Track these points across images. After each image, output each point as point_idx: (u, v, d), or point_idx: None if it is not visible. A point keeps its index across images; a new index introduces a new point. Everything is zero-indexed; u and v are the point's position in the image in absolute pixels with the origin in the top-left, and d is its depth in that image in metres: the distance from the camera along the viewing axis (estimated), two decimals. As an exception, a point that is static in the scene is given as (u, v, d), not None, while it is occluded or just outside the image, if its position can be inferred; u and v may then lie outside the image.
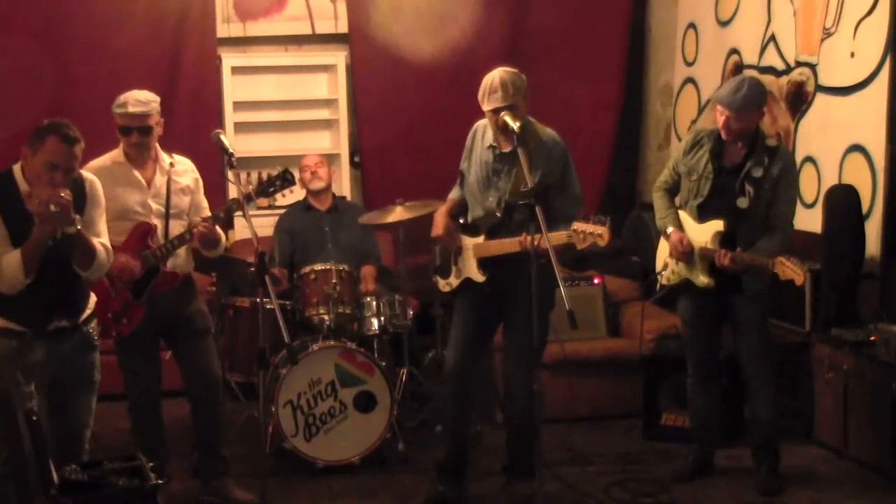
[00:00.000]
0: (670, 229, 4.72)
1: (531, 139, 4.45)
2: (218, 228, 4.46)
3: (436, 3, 7.08)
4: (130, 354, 4.50)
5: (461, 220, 4.67)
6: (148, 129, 4.41)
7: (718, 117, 4.61)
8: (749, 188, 4.57)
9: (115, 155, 4.48)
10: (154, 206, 4.44)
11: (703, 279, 4.65)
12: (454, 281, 4.66)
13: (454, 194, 4.76)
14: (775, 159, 4.59)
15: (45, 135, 3.64)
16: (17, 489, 3.69)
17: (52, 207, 3.52)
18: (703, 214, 4.67)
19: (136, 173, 4.44)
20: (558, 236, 4.19)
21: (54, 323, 3.77)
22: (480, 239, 4.53)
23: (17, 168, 3.74)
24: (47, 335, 3.77)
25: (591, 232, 4.15)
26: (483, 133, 4.61)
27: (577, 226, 4.17)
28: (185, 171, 4.56)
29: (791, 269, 4.39)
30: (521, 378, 4.44)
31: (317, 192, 5.96)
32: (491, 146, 4.54)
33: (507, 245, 4.39)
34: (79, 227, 3.65)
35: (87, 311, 3.92)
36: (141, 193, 4.43)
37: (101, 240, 3.86)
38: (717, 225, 4.60)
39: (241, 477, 4.85)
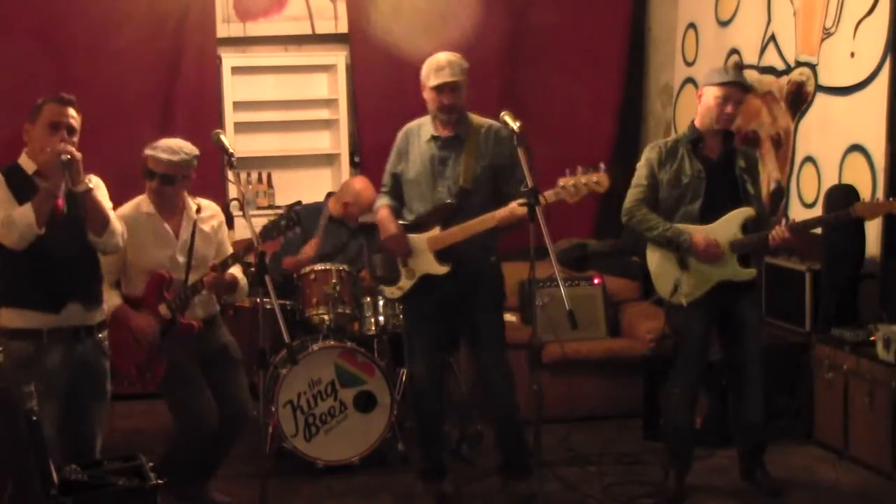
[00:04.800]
0: (684, 237, 4.50)
1: (473, 127, 4.49)
2: (234, 271, 4.42)
3: (436, 3, 7.08)
4: (181, 397, 4.38)
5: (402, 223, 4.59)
6: (171, 179, 4.36)
7: (715, 105, 4.53)
8: (746, 176, 4.59)
9: (143, 203, 4.43)
10: (181, 259, 4.42)
11: (744, 272, 4.55)
12: (406, 283, 4.58)
13: (386, 201, 4.66)
14: (741, 149, 4.70)
15: (41, 105, 3.81)
16: (16, 489, 3.70)
17: (63, 157, 3.59)
18: (710, 213, 4.54)
19: (166, 226, 4.40)
20: (546, 196, 4.13)
21: (68, 305, 3.79)
22: (435, 231, 4.48)
23: (22, 158, 3.82)
24: (62, 336, 3.79)
25: (585, 182, 4.13)
26: (418, 132, 4.60)
27: (564, 181, 4.14)
28: (209, 216, 4.53)
29: (879, 206, 4.37)
30: (499, 376, 4.48)
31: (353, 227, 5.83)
32: (432, 137, 4.53)
33: (476, 225, 4.36)
34: (91, 186, 3.72)
35: (101, 312, 3.96)
36: (169, 248, 4.40)
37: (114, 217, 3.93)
38: (746, 212, 4.53)
39: (241, 477, 4.86)
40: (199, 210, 4.49)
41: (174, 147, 4.38)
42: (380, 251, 4.70)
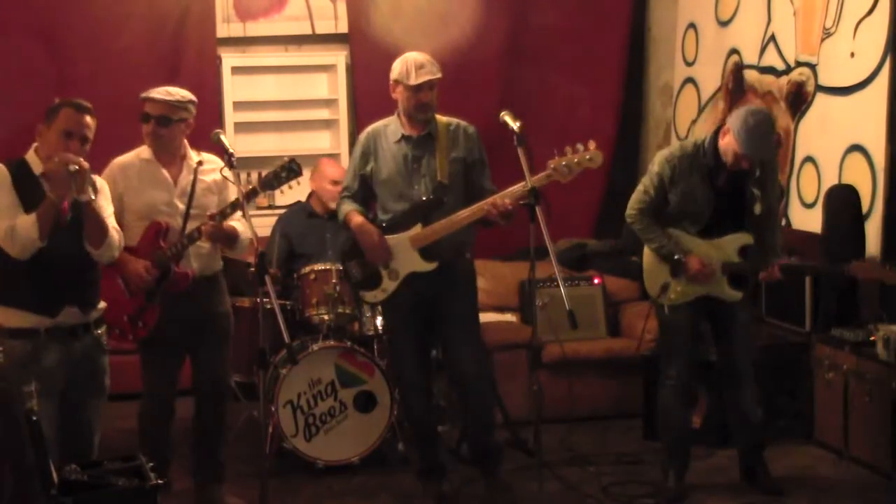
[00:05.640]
0: (677, 256, 4.51)
1: (440, 125, 4.51)
2: (235, 223, 4.40)
3: (436, 3, 7.08)
4: (154, 356, 4.43)
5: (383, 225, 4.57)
6: (166, 121, 4.36)
7: (733, 157, 4.40)
8: (756, 192, 4.53)
9: (142, 151, 4.45)
10: (180, 205, 4.40)
11: (733, 293, 4.55)
12: (390, 285, 4.55)
13: (353, 206, 4.61)
14: None
15: (58, 108, 3.80)
16: (16, 489, 3.70)
17: (71, 168, 3.59)
18: (711, 229, 4.54)
19: (164, 171, 4.41)
20: (538, 179, 4.14)
21: (64, 309, 3.78)
22: (417, 229, 4.46)
23: (29, 155, 3.82)
24: (59, 334, 3.78)
25: (578, 160, 4.13)
26: (384, 133, 4.59)
27: (554, 162, 4.14)
28: (212, 169, 4.50)
29: (874, 270, 4.35)
30: (476, 372, 4.49)
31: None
32: (403, 137, 4.53)
33: (462, 218, 4.37)
34: (93, 196, 3.72)
35: (97, 310, 3.94)
36: (167, 193, 4.40)
37: (113, 225, 3.91)
38: (745, 238, 4.53)
39: (241, 477, 4.86)
40: (200, 163, 4.46)
41: (170, 90, 4.43)
42: (355, 257, 4.66)
